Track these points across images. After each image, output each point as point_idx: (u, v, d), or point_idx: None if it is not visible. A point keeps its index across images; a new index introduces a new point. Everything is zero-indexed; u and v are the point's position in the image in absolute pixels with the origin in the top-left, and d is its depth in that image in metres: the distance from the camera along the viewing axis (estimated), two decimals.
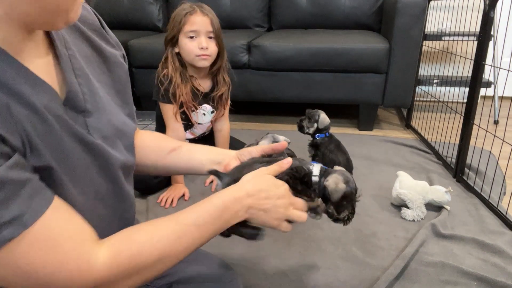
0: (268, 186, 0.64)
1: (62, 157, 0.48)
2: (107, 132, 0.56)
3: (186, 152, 0.80)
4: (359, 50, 2.11)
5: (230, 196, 0.60)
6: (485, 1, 1.45)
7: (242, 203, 0.60)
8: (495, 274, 1.05)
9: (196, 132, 1.64)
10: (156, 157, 0.78)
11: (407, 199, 1.35)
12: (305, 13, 2.70)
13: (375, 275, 1.06)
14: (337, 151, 1.61)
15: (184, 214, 0.56)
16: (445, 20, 2.49)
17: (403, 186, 1.40)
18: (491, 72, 2.52)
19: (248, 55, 2.26)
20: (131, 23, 2.94)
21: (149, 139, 0.79)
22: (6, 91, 0.42)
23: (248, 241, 0.66)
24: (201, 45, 1.41)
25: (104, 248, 0.48)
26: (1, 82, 0.42)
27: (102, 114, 0.56)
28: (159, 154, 0.78)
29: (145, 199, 1.48)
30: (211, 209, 0.58)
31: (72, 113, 0.51)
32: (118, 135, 0.59)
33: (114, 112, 0.59)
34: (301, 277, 1.06)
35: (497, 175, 1.51)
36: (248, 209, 0.60)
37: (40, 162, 0.44)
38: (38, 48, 0.49)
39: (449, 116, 2.10)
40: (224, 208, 0.58)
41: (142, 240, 0.51)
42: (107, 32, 0.63)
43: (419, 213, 1.33)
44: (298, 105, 2.76)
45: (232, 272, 0.77)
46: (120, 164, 0.58)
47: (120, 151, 0.59)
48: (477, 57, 1.50)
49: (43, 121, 0.45)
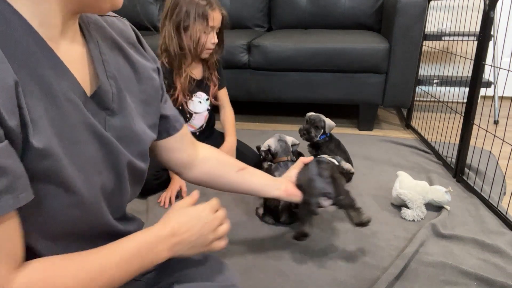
0: (191, 218, 0.63)
1: (70, 144, 0.48)
2: (123, 134, 0.58)
3: (251, 173, 0.92)
4: (359, 50, 2.11)
5: (152, 236, 0.58)
6: (485, 1, 1.45)
7: (166, 243, 0.58)
8: (495, 274, 1.05)
9: (196, 124, 1.63)
10: (223, 172, 0.87)
11: (407, 199, 1.35)
12: (305, 13, 2.70)
13: (375, 275, 1.06)
14: (337, 150, 1.61)
15: (105, 252, 0.54)
16: (445, 20, 2.49)
17: (403, 186, 1.40)
18: (491, 72, 2.52)
19: (248, 55, 2.26)
20: (131, 23, 2.94)
21: (216, 153, 0.89)
22: (25, 72, 0.43)
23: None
24: (212, 40, 1.48)
25: (20, 277, 0.45)
26: (24, 62, 0.43)
27: (124, 118, 0.58)
28: (227, 170, 0.88)
29: (145, 199, 1.48)
30: (133, 250, 0.55)
31: (95, 107, 0.53)
32: (134, 140, 0.60)
33: (135, 119, 0.60)
34: (301, 277, 1.06)
35: (497, 175, 1.51)
36: (172, 247, 0.59)
37: (43, 143, 0.44)
38: (73, 40, 0.52)
39: (449, 116, 2.10)
40: (146, 250, 0.56)
41: (61, 274, 0.49)
42: (143, 46, 0.67)
43: (419, 213, 1.33)
44: (298, 105, 2.77)
45: (231, 273, 0.77)
46: (127, 162, 0.59)
47: (132, 153, 0.60)
48: (477, 57, 1.50)
49: (56, 105, 0.47)
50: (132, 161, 0.60)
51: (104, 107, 0.54)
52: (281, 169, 1.33)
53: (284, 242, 1.21)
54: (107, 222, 0.59)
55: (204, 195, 1.51)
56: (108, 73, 0.55)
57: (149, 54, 0.68)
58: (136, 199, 1.47)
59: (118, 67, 0.58)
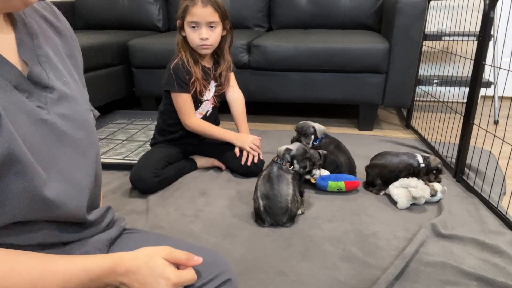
0: (151, 271, 0.57)
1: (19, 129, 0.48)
2: (66, 109, 0.57)
3: None
4: (359, 50, 2.11)
5: (108, 268, 0.55)
6: (485, 1, 1.45)
7: (116, 278, 0.56)
8: (495, 274, 1.05)
9: (203, 109, 1.69)
10: None
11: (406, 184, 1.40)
12: (305, 13, 2.70)
13: (375, 275, 1.06)
14: (337, 151, 1.61)
15: (64, 266, 0.52)
16: (445, 20, 2.49)
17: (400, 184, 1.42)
18: (491, 72, 2.52)
19: (248, 55, 2.26)
20: (131, 23, 2.94)
21: None
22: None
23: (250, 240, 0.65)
24: (201, 36, 1.50)
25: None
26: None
27: (66, 97, 0.57)
28: None
29: (145, 199, 1.48)
30: (86, 274, 0.53)
31: (32, 87, 0.53)
32: (74, 103, 0.59)
33: (76, 92, 0.60)
34: (301, 277, 1.06)
35: (497, 175, 1.51)
36: (120, 284, 0.57)
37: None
38: (1, 31, 0.51)
39: (449, 116, 2.10)
40: (96, 278, 0.54)
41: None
42: (59, 16, 0.65)
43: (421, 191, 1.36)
44: (298, 105, 2.78)
45: (230, 272, 0.77)
46: (78, 140, 0.58)
47: (73, 131, 0.58)
48: (477, 57, 1.50)
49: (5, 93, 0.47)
50: (79, 139, 0.59)
51: (43, 86, 0.54)
52: None
53: (284, 242, 1.21)
54: None
55: (204, 195, 1.52)
56: (39, 57, 0.55)
57: (63, 21, 0.66)
58: (136, 198, 1.48)
59: (49, 43, 0.58)
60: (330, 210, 1.39)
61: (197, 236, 1.24)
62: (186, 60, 1.55)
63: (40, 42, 0.56)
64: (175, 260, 0.60)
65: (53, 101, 0.55)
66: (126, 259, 0.57)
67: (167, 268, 0.58)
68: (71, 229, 0.59)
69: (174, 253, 0.60)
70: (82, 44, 2.46)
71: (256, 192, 1.30)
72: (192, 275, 0.61)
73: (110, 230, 0.68)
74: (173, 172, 1.62)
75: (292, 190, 1.28)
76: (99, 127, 2.26)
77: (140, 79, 2.47)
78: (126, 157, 1.81)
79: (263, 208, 1.27)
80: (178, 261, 0.61)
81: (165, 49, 2.25)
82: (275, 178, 1.29)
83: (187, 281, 0.60)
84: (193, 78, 1.56)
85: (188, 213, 1.38)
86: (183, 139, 1.69)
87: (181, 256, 0.61)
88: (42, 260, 0.51)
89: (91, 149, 0.62)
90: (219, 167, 1.74)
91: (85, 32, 2.65)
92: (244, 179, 1.65)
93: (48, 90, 0.55)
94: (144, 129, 2.23)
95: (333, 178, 1.50)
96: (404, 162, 1.47)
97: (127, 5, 2.93)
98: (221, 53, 1.65)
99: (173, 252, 0.60)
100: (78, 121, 0.59)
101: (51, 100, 0.55)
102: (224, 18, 1.54)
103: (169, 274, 0.58)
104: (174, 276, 0.58)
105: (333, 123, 2.45)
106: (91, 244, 0.62)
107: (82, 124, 0.60)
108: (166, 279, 0.57)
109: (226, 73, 1.68)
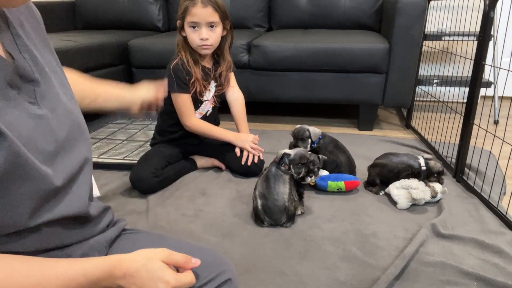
0: (149, 274, 0.56)
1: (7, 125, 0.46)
2: (53, 102, 0.55)
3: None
4: (359, 50, 2.11)
5: (106, 271, 0.54)
6: (485, 1, 1.45)
7: (114, 281, 0.55)
8: (495, 274, 1.05)
9: (203, 110, 1.69)
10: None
11: (406, 185, 1.40)
12: (305, 13, 2.70)
13: (375, 275, 1.06)
14: (336, 151, 1.61)
15: (61, 271, 0.51)
16: (445, 20, 2.49)
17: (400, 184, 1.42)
18: (491, 72, 2.52)
19: (248, 55, 2.26)
20: (131, 23, 2.94)
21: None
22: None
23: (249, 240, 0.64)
24: (201, 36, 1.50)
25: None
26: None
27: (49, 90, 0.55)
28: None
29: (145, 199, 1.48)
30: (85, 277, 0.53)
31: (21, 82, 0.50)
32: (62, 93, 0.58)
33: (56, 80, 0.58)
34: (301, 277, 1.06)
35: (497, 175, 1.51)
36: (117, 287, 0.56)
37: None
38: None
39: (449, 116, 2.10)
40: (95, 281, 0.54)
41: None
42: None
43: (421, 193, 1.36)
44: (298, 105, 2.77)
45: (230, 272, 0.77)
46: (67, 131, 0.57)
47: (63, 122, 0.57)
48: (477, 57, 1.50)
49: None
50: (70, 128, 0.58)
51: (29, 80, 0.52)
52: None
53: (284, 242, 1.21)
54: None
55: (204, 195, 1.52)
56: (20, 47, 0.52)
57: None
58: (136, 199, 1.48)
59: (22, 28, 0.55)
60: (330, 210, 1.39)
61: (197, 236, 1.24)
62: (186, 61, 1.55)
63: (17, 30, 0.53)
64: (173, 263, 0.60)
65: (41, 95, 0.53)
66: (124, 262, 0.56)
67: (166, 271, 0.57)
68: (73, 227, 0.58)
69: (172, 255, 0.60)
70: (82, 44, 2.44)
71: (255, 191, 1.31)
72: (191, 278, 0.60)
73: (109, 230, 0.68)
74: (173, 172, 1.62)
75: (288, 189, 1.28)
76: (99, 127, 2.26)
77: (140, 79, 2.44)
78: (126, 157, 1.81)
79: (261, 207, 1.27)
80: (176, 264, 0.60)
81: (165, 49, 2.25)
82: (272, 177, 1.30)
83: (186, 284, 0.60)
84: (193, 79, 1.56)
85: (188, 213, 1.38)
86: (183, 139, 1.69)
87: (179, 259, 0.60)
88: (40, 266, 0.50)
89: (81, 139, 0.60)
90: (219, 167, 1.74)
91: (85, 32, 2.65)
92: (244, 179, 1.65)
93: (34, 84, 0.52)
94: (144, 129, 2.23)
95: (333, 178, 1.50)
96: (404, 162, 1.48)
97: (127, 5, 2.93)
98: (221, 53, 1.65)
99: (171, 255, 0.60)
100: (64, 112, 0.57)
101: (39, 95, 0.52)
102: (224, 18, 1.54)
103: (168, 277, 0.57)
104: (173, 280, 0.57)
105: (333, 123, 2.45)
106: (90, 246, 0.62)
107: (68, 115, 0.58)
108: (165, 282, 0.56)
109: (226, 73, 1.68)
